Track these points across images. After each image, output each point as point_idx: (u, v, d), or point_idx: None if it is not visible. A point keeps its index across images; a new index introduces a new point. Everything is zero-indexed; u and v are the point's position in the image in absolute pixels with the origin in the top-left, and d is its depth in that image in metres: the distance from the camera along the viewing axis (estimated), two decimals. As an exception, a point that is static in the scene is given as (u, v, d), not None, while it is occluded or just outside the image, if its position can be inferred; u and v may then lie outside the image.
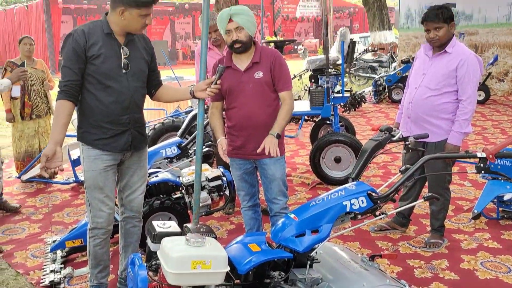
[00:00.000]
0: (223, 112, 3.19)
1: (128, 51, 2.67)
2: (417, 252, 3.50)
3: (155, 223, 2.37)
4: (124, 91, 2.67)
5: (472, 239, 3.68)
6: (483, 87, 10.01)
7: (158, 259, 2.22)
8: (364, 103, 10.07)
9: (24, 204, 4.79)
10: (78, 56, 2.55)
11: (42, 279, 3.25)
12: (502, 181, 3.89)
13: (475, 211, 3.76)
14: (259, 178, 3.27)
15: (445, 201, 3.49)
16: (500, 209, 4.02)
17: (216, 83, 2.80)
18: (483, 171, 2.33)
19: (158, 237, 2.25)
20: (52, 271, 3.32)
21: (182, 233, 2.32)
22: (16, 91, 5.18)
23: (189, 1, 37.62)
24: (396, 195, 2.40)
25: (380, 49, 13.19)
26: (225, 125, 3.15)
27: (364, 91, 10.69)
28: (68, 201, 4.90)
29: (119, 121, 2.69)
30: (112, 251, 3.49)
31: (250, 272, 2.19)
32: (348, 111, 9.23)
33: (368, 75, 13.49)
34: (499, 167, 3.94)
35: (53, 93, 4.92)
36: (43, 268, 3.39)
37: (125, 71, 2.65)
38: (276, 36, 8.77)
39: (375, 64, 13.44)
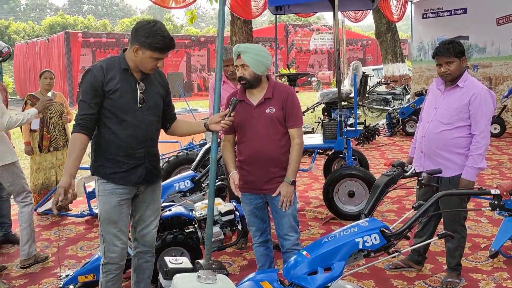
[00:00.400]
0: (235, 146, 3.22)
1: (143, 86, 2.75)
2: (433, 290, 3.43)
3: (167, 259, 2.37)
4: (140, 125, 2.72)
5: (490, 278, 3.59)
6: (498, 120, 9.95)
7: (169, 297, 2.22)
8: (378, 136, 10.05)
9: (39, 237, 4.81)
10: (96, 91, 2.63)
11: (54, 314, 3.25)
12: (520, 217, 3.83)
13: (492, 250, 3.68)
14: (270, 213, 3.26)
15: (461, 238, 3.43)
16: (519, 246, 3.94)
17: (229, 116, 2.85)
18: (497, 208, 2.30)
19: (170, 273, 2.26)
20: (63, 306, 3.32)
21: (194, 269, 2.31)
22: (35, 124, 5.30)
23: (204, 34, 38.53)
24: (410, 232, 2.37)
25: (393, 81, 13.23)
26: (237, 159, 3.17)
27: (377, 124, 10.68)
28: (82, 234, 4.93)
29: (134, 155, 2.74)
30: (124, 286, 3.47)
31: (262, 311, 2.17)
32: (361, 144, 9.21)
33: (381, 107, 13.50)
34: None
35: (71, 126, 5.02)
36: (55, 303, 3.40)
37: (140, 105, 2.72)
38: (289, 69, 8.89)
39: (388, 97, 13.46)
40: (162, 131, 3.00)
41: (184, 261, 2.39)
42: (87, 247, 4.57)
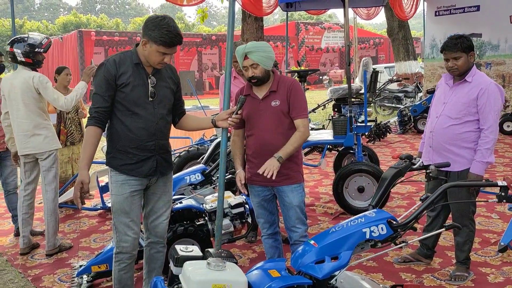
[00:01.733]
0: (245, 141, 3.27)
1: (155, 80, 2.81)
2: (442, 285, 3.44)
3: (177, 247, 2.43)
4: (150, 118, 2.78)
5: (500, 272, 3.59)
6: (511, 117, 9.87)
7: (180, 283, 2.28)
8: (389, 133, 10.01)
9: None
10: (109, 84, 2.70)
11: (68, 302, 3.33)
12: (530, 212, 3.82)
13: (502, 244, 3.66)
14: (279, 206, 3.30)
15: (470, 232, 3.44)
16: (529, 241, 3.92)
17: (237, 113, 2.91)
18: (504, 200, 2.32)
19: (180, 261, 2.30)
20: (78, 294, 3.40)
21: (203, 257, 2.37)
22: (53, 119, 5.41)
23: (216, 32, 38.64)
24: (417, 223, 2.40)
25: (405, 79, 13.17)
26: (245, 152, 3.22)
27: (389, 121, 10.66)
28: (95, 227, 5.02)
29: (145, 147, 2.80)
30: (136, 277, 3.55)
31: (270, 298, 2.22)
32: (373, 142, 9.20)
33: (393, 105, 13.45)
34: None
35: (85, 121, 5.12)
36: (70, 292, 3.48)
37: (151, 99, 2.78)
38: (299, 66, 8.90)
39: (400, 94, 13.41)
40: (172, 126, 3.07)
41: (194, 250, 2.43)
42: (100, 239, 4.66)
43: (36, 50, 4.16)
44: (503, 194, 2.33)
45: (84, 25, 44.01)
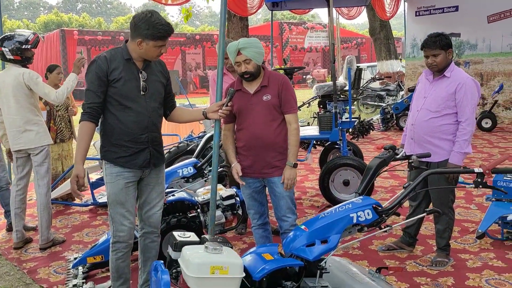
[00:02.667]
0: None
1: (146, 74, 2.90)
2: (423, 270, 3.63)
3: (175, 233, 2.55)
4: (143, 112, 2.88)
5: (478, 258, 3.80)
6: (490, 115, 10.19)
7: (178, 267, 2.40)
8: (372, 130, 10.28)
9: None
10: (101, 80, 2.79)
11: (65, 292, 3.42)
12: (506, 202, 4.04)
13: (479, 231, 3.90)
14: (268, 198, 3.44)
15: (449, 220, 3.63)
16: (505, 230, 4.13)
17: (227, 105, 3.03)
18: (480, 186, 2.50)
19: (179, 246, 2.43)
20: (74, 285, 3.49)
21: (200, 243, 2.49)
22: (43, 116, 5.46)
23: (199, 32, 38.62)
24: (401, 207, 2.57)
25: (387, 77, 13.44)
26: (236, 145, 3.35)
27: (372, 119, 10.91)
28: (87, 222, 5.10)
29: (138, 140, 2.90)
30: (131, 267, 3.65)
31: (264, 279, 2.36)
32: (356, 138, 9.43)
33: (376, 103, 13.72)
34: (503, 188, 4.09)
35: (76, 119, 5.18)
36: (66, 283, 3.56)
37: (143, 93, 2.87)
38: (285, 63, 9.07)
39: (382, 93, 13.68)
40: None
41: (192, 235, 2.56)
42: (93, 233, 4.74)
43: (24, 47, 4.23)
44: (479, 180, 2.50)
45: (65, 24, 43.53)
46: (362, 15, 14.28)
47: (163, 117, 3.16)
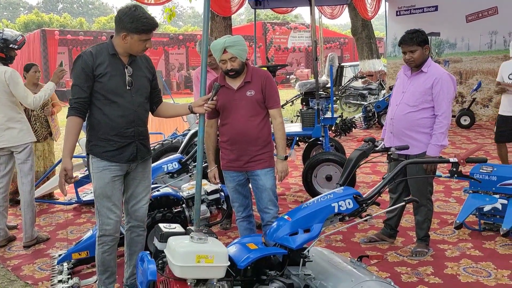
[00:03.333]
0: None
1: (131, 70, 2.93)
2: (404, 260, 3.73)
3: (161, 225, 2.59)
4: (129, 106, 2.92)
5: (456, 248, 3.92)
6: (468, 112, 10.41)
7: (164, 258, 2.44)
8: (355, 128, 10.42)
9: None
10: (87, 75, 2.82)
11: (51, 288, 3.43)
12: (482, 194, 4.17)
13: (457, 222, 4.02)
14: (252, 191, 3.51)
15: (428, 211, 3.74)
16: (482, 221, 4.27)
17: (212, 100, 3.08)
18: (455, 175, 2.60)
19: (165, 237, 2.47)
20: (59, 281, 3.49)
21: (186, 233, 2.54)
22: None
23: (182, 32, 38.51)
24: (380, 196, 2.65)
25: (369, 75, 13.63)
26: (219, 140, 3.42)
27: (354, 117, 11.06)
28: (71, 220, 5.09)
29: (124, 134, 2.93)
30: (117, 262, 3.67)
31: (249, 268, 2.42)
32: (339, 136, 9.56)
33: (358, 102, 13.89)
34: (480, 181, 4.22)
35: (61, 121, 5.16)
36: (51, 279, 3.57)
37: (129, 87, 2.91)
38: (269, 61, 9.18)
39: (365, 92, 13.86)
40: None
41: (177, 227, 2.61)
42: (77, 231, 4.74)
43: (11, 46, 4.24)
44: (454, 169, 2.60)
45: (46, 24, 42.96)
46: (345, 16, 14.46)
47: (150, 112, 3.19)
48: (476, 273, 3.45)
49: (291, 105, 9.32)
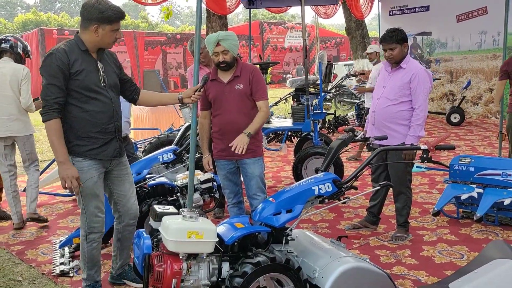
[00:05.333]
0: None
1: (102, 65, 2.94)
2: (384, 244, 3.98)
3: (156, 206, 2.83)
4: (107, 102, 2.92)
5: (434, 234, 4.17)
6: (458, 110, 10.67)
7: (159, 236, 2.68)
8: (348, 125, 10.66)
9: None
10: (64, 74, 2.74)
11: (53, 269, 3.66)
12: (460, 184, 4.42)
13: (435, 209, 4.28)
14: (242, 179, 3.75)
15: (407, 198, 3.99)
16: (460, 210, 4.52)
17: (199, 91, 3.24)
18: (426, 161, 2.84)
19: (159, 216, 2.71)
20: (61, 263, 3.72)
21: (178, 214, 2.78)
22: None
23: (180, 31, 38.69)
24: (356, 181, 2.90)
25: (361, 74, 13.88)
26: (212, 130, 3.66)
27: (347, 115, 11.30)
28: (71, 210, 5.32)
29: (106, 130, 2.93)
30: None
31: (236, 244, 2.66)
32: (332, 133, 9.79)
33: (352, 100, 14.15)
34: (458, 172, 4.47)
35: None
36: (53, 262, 3.80)
37: (104, 83, 2.91)
38: (261, 59, 9.41)
39: (358, 90, 14.12)
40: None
41: (171, 208, 2.85)
42: (77, 220, 4.95)
43: (29, 52, 4.83)
44: (424, 156, 2.85)
45: (44, 23, 43.09)
46: (341, 15, 14.65)
47: (133, 103, 3.31)
48: (450, 255, 3.70)
49: (284, 103, 9.54)
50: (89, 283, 3.16)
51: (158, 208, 2.80)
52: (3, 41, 4.64)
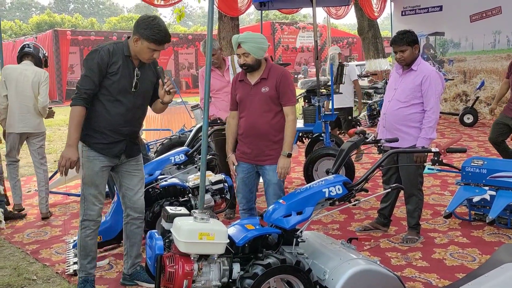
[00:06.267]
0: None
1: (139, 73, 3.09)
2: (395, 246, 3.97)
3: (167, 208, 2.87)
4: (130, 107, 3.09)
5: (445, 236, 4.15)
6: (471, 110, 10.58)
7: (170, 237, 2.72)
8: (359, 126, 10.61)
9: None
10: (100, 70, 2.97)
11: (67, 269, 3.72)
12: (473, 186, 4.39)
13: (447, 211, 4.26)
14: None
15: (418, 200, 3.98)
16: (473, 212, 4.49)
17: (164, 83, 3.09)
18: (437, 163, 2.84)
19: (171, 217, 2.75)
20: (75, 262, 3.77)
21: (190, 215, 2.81)
22: None
23: (192, 32, 38.87)
24: (367, 183, 2.90)
25: (373, 74, 13.82)
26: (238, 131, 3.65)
27: (359, 115, 11.25)
28: (84, 210, 5.39)
29: (119, 131, 3.10)
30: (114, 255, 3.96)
31: (246, 245, 2.69)
32: (343, 134, 9.77)
33: (364, 101, 14.09)
34: (470, 174, 4.44)
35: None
36: (67, 261, 3.86)
37: (134, 89, 3.08)
38: (272, 60, 9.40)
39: (370, 91, 14.05)
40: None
41: (182, 209, 2.88)
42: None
43: (47, 61, 5.22)
44: (435, 158, 2.85)
45: (58, 24, 43.61)
46: (353, 15, 14.62)
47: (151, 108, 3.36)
48: (462, 258, 3.68)
49: (297, 103, 9.58)
50: (82, 275, 3.23)
51: (170, 209, 2.83)
52: (27, 46, 5.07)
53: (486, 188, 4.30)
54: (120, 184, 3.30)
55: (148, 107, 3.38)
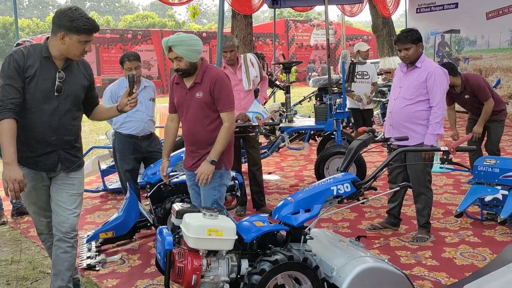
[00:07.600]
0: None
1: (64, 75, 2.73)
2: (405, 245, 3.97)
3: (177, 204, 2.92)
4: (54, 113, 2.73)
5: (456, 235, 4.13)
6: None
7: (180, 233, 2.77)
8: (373, 124, 10.56)
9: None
10: (20, 75, 2.63)
11: (80, 263, 3.80)
12: (485, 185, 4.36)
13: (458, 210, 4.24)
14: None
15: (427, 199, 3.97)
16: (485, 211, 4.46)
17: (131, 93, 2.89)
18: (446, 162, 2.84)
19: (180, 213, 2.79)
20: (88, 257, 3.87)
21: (199, 211, 2.85)
22: None
23: (206, 29, 39.01)
24: (376, 181, 2.91)
25: (386, 72, 13.74)
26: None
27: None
28: (98, 206, 5.49)
29: (46, 141, 2.75)
30: (130, 267, 4.01)
31: (254, 242, 2.72)
32: (356, 132, 9.74)
33: (378, 99, 14.01)
34: (482, 173, 4.41)
35: None
36: (81, 255, 3.93)
37: (57, 94, 2.71)
38: (285, 58, 9.43)
39: (384, 89, 13.96)
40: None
41: (191, 205, 2.93)
42: (104, 215, 5.12)
43: None
44: (445, 157, 2.85)
45: (74, 22, 44.01)
46: (368, 13, 14.53)
47: (87, 116, 3.06)
48: (472, 257, 3.67)
49: (308, 101, 9.55)
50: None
51: (179, 205, 2.88)
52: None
53: (499, 187, 4.26)
54: (51, 198, 2.88)
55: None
